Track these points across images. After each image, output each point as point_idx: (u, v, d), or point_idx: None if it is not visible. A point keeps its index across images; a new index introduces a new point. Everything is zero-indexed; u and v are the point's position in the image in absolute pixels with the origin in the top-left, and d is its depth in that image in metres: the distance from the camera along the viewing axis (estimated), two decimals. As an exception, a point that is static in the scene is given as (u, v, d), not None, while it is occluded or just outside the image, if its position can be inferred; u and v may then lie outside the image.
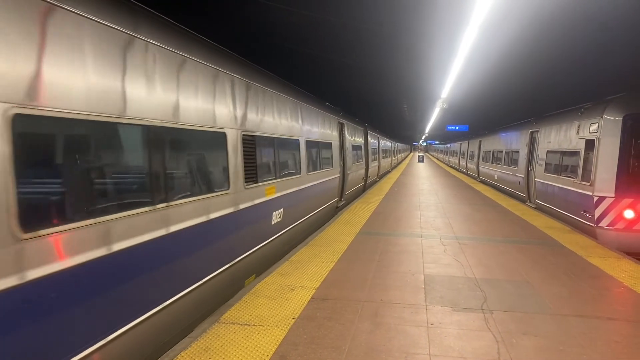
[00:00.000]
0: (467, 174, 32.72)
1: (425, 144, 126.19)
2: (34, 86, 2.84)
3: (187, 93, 4.87)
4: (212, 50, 5.63)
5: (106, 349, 3.46)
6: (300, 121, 9.57)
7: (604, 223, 9.36)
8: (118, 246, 3.63)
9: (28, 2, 2.83)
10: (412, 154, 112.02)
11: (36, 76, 2.86)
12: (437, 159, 78.80)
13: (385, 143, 34.66)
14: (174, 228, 4.49)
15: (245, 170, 6.36)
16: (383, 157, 31.41)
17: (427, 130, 64.07)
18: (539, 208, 13.92)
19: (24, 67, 2.78)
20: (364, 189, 20.99)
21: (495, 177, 21.56)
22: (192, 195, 4.87)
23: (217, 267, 5.51)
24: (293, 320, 4.84)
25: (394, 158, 44.10)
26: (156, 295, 4.20)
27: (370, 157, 22.77)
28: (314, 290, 5.83)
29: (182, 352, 4.08)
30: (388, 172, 35.35)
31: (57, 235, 3.00)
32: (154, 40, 4.25)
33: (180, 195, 4.64)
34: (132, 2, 4.14)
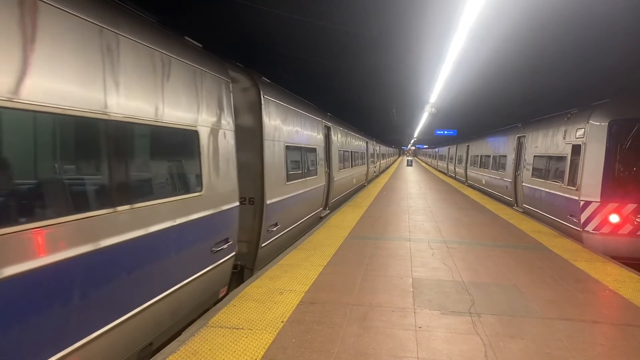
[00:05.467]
0: (455, 178, 32.93)
1: (414, 148, 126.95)
2: None
3: None
4: None
5: None
6: None
7: (589, 227, 9.47)
8: None
9: None
10: (400, 158, 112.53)
11: None
12: (425, 163, 79.21)
13: (357, 143, 22.66)
14: None
15: None
16: (353, 166, 20.33)
17: (415, 135, 64.34)
18: (526, 212, 14.04)
19: None
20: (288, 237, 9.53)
21: (483, 182, 21.72)
22: None
23: None
24: (282, 324, 4.83)
25: (373, 166, 32.04)
26: None
27: (319, 166, 12.44)
28: (302, 294, 5.82)
29: (170, 356, 4.05)
30: (363, 186, 24.69)
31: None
32: None
33: None
34: None
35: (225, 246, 6.03)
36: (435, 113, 24.38)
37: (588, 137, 9.66)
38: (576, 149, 10.16)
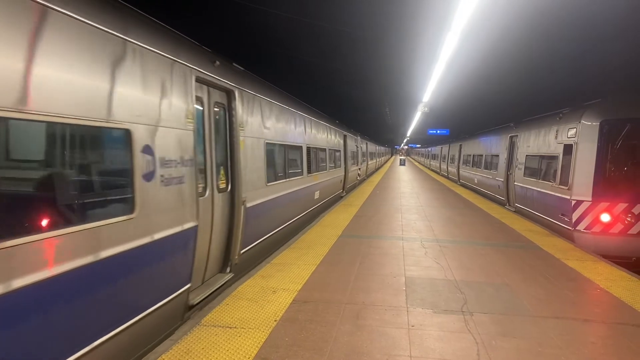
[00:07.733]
0: (447, 177, 33.03)
1: (406, 147, 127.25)
2: None
3: None
4: None
5: None
6: None
7: (581, 226, 9.53)
8: None
9: None
10: (393, 157, 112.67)
11: None
12: (418, 162, 79.41)
13: (323, 136, 14.89)
14: None
15: None
16: (313, 171, 12.97)
17: (408, 134, 64.47)
18: (518, 211, 14.11)
19: None
20: None
21: (476, 181, 21.80)
22: None
23: None
24: (275, 323, 4.82)
25: (356, 169, 25.43)
26: None
27: (166, 185, 4.52)
28: (295, 293, 5.81)
29: (162, 355, 4.02)
30: (340, 197, 18.43)
31: None
32: None
33: None
34: None
35: None
36: (428, 112, 24.47)
37: (580, 137, 9.72)
38: (568, 149, 10.22)
